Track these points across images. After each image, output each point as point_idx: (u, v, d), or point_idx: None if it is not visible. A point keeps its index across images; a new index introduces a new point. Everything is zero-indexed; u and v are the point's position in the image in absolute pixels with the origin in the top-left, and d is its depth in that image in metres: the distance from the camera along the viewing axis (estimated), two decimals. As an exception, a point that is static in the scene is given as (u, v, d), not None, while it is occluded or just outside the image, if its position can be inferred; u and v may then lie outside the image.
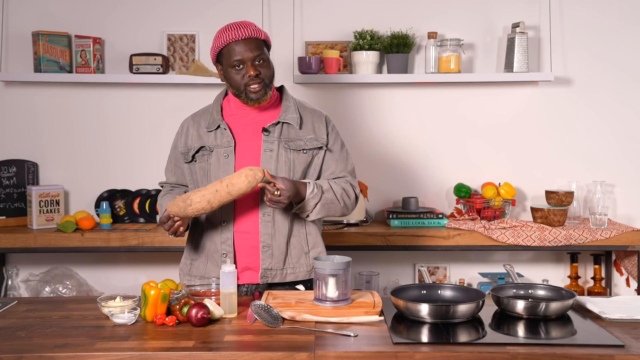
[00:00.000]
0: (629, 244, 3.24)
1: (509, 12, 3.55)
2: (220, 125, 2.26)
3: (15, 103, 3.57)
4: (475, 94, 3.59)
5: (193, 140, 2.30)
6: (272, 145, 2.23)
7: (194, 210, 2.10)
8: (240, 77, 2.18)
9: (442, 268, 3.62)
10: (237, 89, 2.21)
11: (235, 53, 2.17)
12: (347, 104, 3.59)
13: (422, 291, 2.08)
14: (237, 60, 2.17)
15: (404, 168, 3.62)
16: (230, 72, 2.20)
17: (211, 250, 2.26)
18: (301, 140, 2.26)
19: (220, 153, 2.24)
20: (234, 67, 2.18)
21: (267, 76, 2.21)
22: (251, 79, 2.17)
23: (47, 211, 3.43)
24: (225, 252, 2.23)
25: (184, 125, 2.36)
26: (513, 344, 1.73)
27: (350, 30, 3.54)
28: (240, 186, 2.07)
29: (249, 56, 2.17)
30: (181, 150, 2.33)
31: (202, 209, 2.10)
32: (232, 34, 2.17)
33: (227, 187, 2.08)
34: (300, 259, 2.27)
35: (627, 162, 3.60)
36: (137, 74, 3.44)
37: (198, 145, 2.28)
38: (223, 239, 2.23)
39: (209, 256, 2.27)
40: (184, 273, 2.34)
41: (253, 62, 2.18)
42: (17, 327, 1.90)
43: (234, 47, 2.17)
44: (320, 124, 2.31)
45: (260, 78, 2.18)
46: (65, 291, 3.39)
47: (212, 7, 3.56)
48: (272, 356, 1.67)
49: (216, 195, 2.08)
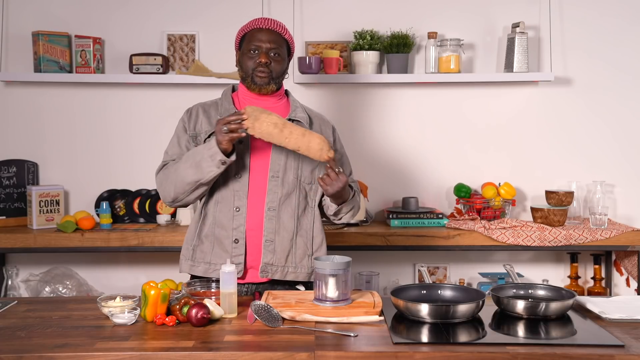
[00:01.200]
0: (629, 244, 3.24)
1: (509, 12, 3.56)
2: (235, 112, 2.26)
3: (15, 103, 3.57)
4: (475, 94, 3.59)
5: (202, 125, 2.28)
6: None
7: (267, 122, 2.05)
8: (252, 62, 2.22)
9: (442, 268, 3.62)
10: (246, 72, 2.25)
11: (255, 39, 2.22)
12: (347, 104, 3.59)
13: (422, 291, 2.08)
14: (254, 45, 2.22)
15: (404, 168, 3.62)
16: (245, 56, 2.24)
17: (221, 236, 2.23)
18: None
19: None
20: (250, 51, 2.23)
21: (277, 71, 2.24)
22: (260, 64, 2.21)
23: (47, 211, 3.43)
24: (237, 238, 2.21)
25: (191, 111, 2.33)
26: (513, 344, 1.73)
27: (350, 30, 3.54)
28: (314, 149, 2.09)
29: (266, 46, 2.21)
30: (190, 133, 2.29)
31: (267, 133, 2.06)
32: (259, 22, 2.25)
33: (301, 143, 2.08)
34: (303, 260, 2.28)
35: (627, 162, 3.61)
36: (137, 74, 3.44)
37: (210, 130, 2.25)
38: (235, 225, 2.22)
39: (217, 242, 2.24)
40: (185, 258, 2.29)
41: (268, 52, 2.22)
42: (17, 327, 1.90)
43: (256, 33, 2.23)
44: (327, 129, 2.38)
45: (269, 68, 2.22)
46: (65, 291, 3.39)
47: (212, 7, 3.56)
48: (272, 356, 1.67)
49: (287, 135, 2.07)
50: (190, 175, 2.14)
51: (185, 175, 2.15)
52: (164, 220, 3.47)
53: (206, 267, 2.24)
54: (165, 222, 3.48)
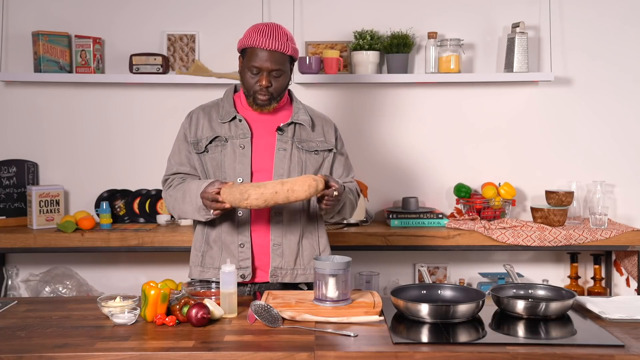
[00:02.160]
0: (629, 244, 3.24)
1: (509, 12, 3.55)
2: (235, 116, 2.26)
3: (15, 103, 3.57)
4: (475, 94, 3.59)
5: (204, 130, 2.28)
6: (286, 145, 2.26)
7: (248, 205, 2.05)
8: (254, 82, 2.21)
9: (442, 268, 3.62)
10: (247, 90, 2.24)
11: (257, 59, 2.18)
12: (347, 104, 3.59)
13: (422, 291, 2.08)
14: (255, 66, 2.19)
15: (404, 168, 3.62)
16: (246, 72, 2.22)
17: (227, 241, 2.25)
18: (313, 142, 2.30)
19: (236, 144, 2.24)
20: (251, 70, 2.20)
21: (277, 90, 2.22)
22: (261, 88, 2.20)
23: (47, 211, 3.43)
24: (242, 242, 2.23)
25: (192, 116, 2.33)
26: (513, 344, 1.74)
27: (350, 30, 3.54)
28: (300, 194, 2.05)
29: (267, 67, 2.18)
30: (191, 140, 2.29)
31: (256, 206, 2.05)
32: (262, 40, 2.17)
33: (287, 192, 2.04)
34: (311, 261, 2.28)
35: (627, 162, 3.60)
36: (137, 74, 3.44)
37: (212, 135, 2.26)
38: (240, 230, 2.23)
39: (224, 247, 2.25)
40: (195, 265, 2.31)
41: (270, 73, 2.19)
42: (17, 327, 1.90)
43: (258, 52, 2.18)
44: (330, 129, 2.37)
45: (270, 92, 2.20)
46: (65, 291, 3.39)
47: (212, 7, 3.56)
48: (272, 356, 1.67)
49: (274, 196, 2.04)
50: (189, 213, 2.23)
51: (185, 211, 2.24)
52: (164, 220, 3.47)
53: (215, 273, 2.24)
54: (165, 222, 3.48)
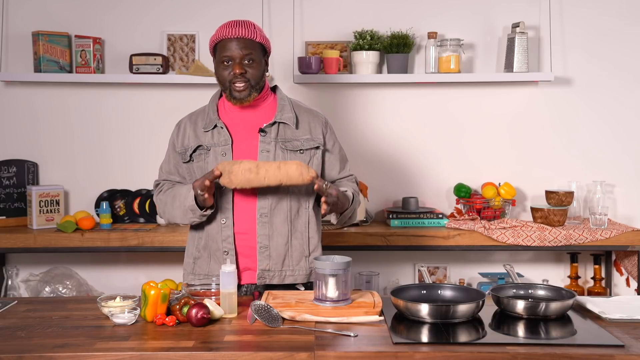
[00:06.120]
0: (629, 244, 3.24)
1: (509, 12, 3.55)
2: (217, 124, 2.27)
3: (15, 103, 3.57)
4: (475, 94, 3.59)
5: (190, 140, 2.30)
6: (269, 146, 2.24)
7: (238, 169, 2.08)
8: (227, 74, 2.21)
9: (442, 268, 3.62)
10: (223, 84, 2.24)
11: (226, 49, 2.20)
12: (347, 104, 3.59)
13: (422, 291, 2.08)
14: (226, 56, 2.20)
15: (404, 168, 3.62)
16: (219, 66, 2.23)
17: (213, 248, 2.26)
18: (298, 140, 2.27)
19: (218, 152, 2.25)
20: (222, 62, 2.21)
21: (254, 77, 2.21)
22: (235, 76, 2.19)
23: (47, 211, 3.43)
24: (226, 249, 2.23)
25: (180, 125, 2.37)
26: (513, 344, 1.73)
27: (350, 30, 3.54)
28: (294, 177, 2.09)
29: (238, 54, 2.19)
30: (179, 150, 2.33)
31: (248, 171, 2.08)
32: (227, 31, 2.20)
33: (282, 172, 2.08)
34: (300, 262, 2.27)
35: (627, 162, 3.60)
36: (137, 74, 3.44)
37: (195, 145, 2.28)
38: (224, 237, 2.24)
39: (212, 254, 2.27)
40: (187, 272, 2.34)
41: (241, 61, 2.20)
42: (17, 327, 1.90)
43: (226, 43, 2.20)
44: (317, 124, 2.33)
45: (246, 78, 2.20)
46: (65, 291, 3.39)
47: (212, 7, 3.56)
48: (272, 356, 1.67)
49: (267, 174, 2.09)
50: (178, 217, 2.28)
51: (174, 215, 2.30)
52: (163, 221, 3.47)
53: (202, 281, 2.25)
54: (165, 222, 3.48)
